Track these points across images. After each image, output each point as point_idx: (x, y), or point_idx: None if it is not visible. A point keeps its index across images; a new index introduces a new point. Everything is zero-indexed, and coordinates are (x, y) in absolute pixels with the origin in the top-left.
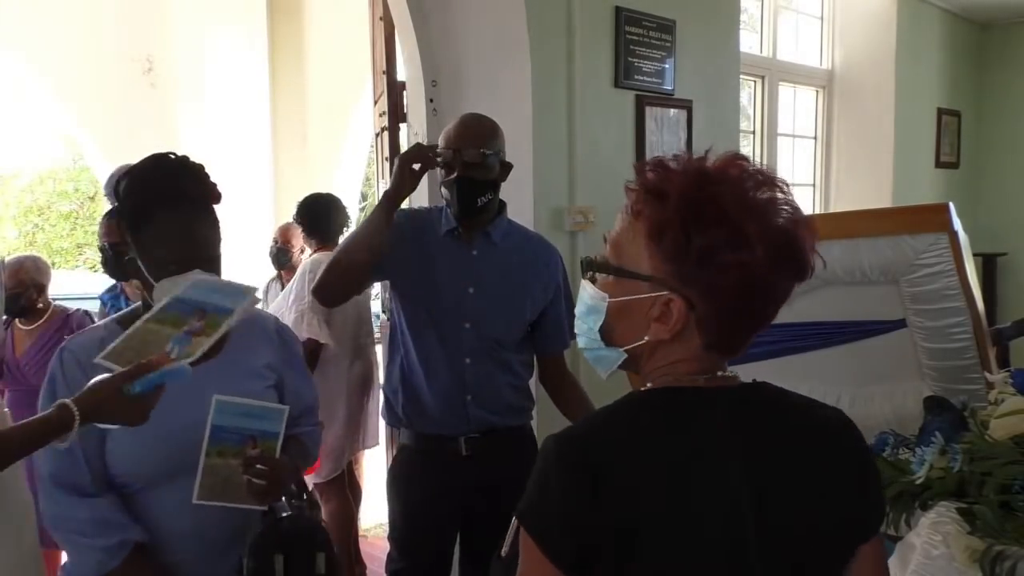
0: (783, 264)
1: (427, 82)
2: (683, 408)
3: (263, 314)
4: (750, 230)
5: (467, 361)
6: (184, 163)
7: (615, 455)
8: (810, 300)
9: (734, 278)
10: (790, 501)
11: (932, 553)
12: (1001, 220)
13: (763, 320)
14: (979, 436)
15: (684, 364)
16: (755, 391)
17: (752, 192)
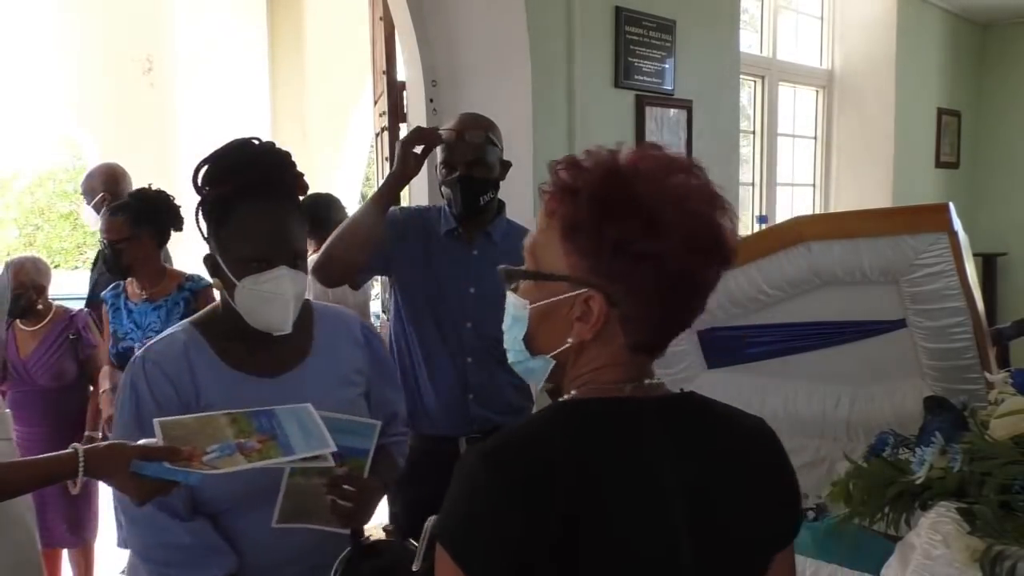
0: (701, 252)
1: (427, 82)
2: (615, 419)
3: (347, 313)
4: (663, 219)
5: (468, 360)
6: (270, 149)
7: (548, 472)
8: (810, 300)
9: (650, 269)
10: (722, 512)
11: (932, 553)
12: (1001, 220)
13: (688, 313)
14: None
15: (609, 370)
16: (683, 401)
17: (665, 181)
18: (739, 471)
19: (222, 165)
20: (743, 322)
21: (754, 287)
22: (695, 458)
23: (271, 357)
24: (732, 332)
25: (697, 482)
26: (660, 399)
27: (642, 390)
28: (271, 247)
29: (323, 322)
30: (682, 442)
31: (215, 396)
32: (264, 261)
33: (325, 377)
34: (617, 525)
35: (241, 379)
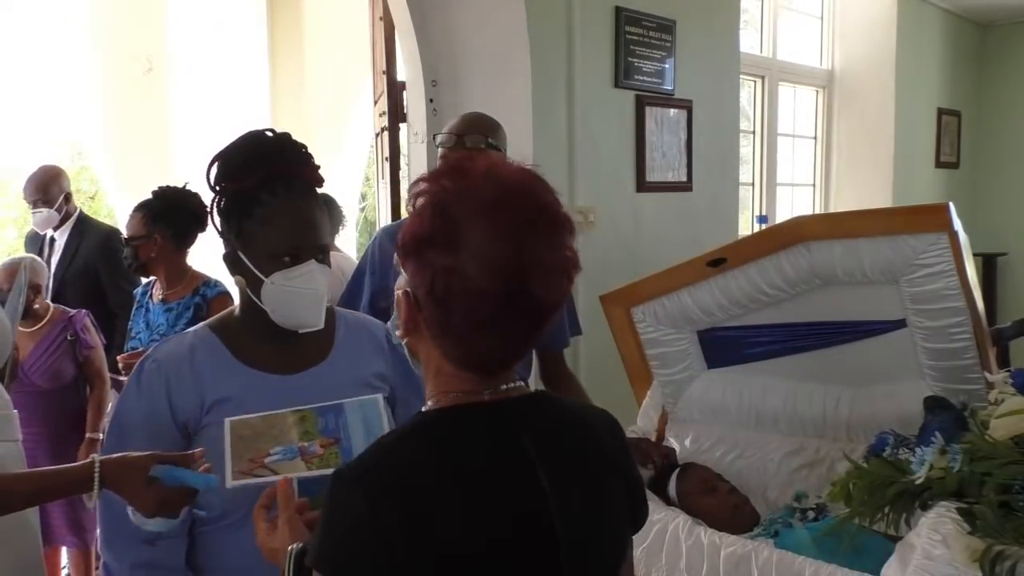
0: (499, 276)
1: (427, 82)
2: (475, 428)
3: (371, 320)
4: (463, 238)
5: None
6: (286, 140)
7: (416, 489)
8: (810, 300)
9: (441, 280)
10: (585, 512)
11: (932, 553)
12: (1001, 220)
13: (490, 338)
14: (979, 436)
15: (444, 379)
16: (537, 401)
17: (484, 197)
18: (593, 466)
19: (240, 159)
20: (743, 322)
21: (754, 287)
22: (555, 458)
23: (290, 356)
24: (732, 332)
25: (559, 483)
26: (519, 400)
27: (499, 394)
28: (301, 241)
29: (345, 325)
30: (542, 443)
31: (227, 393)
32: (294, 256)
33: (344, 378)
34: (485, 532)
35: (256, 376)
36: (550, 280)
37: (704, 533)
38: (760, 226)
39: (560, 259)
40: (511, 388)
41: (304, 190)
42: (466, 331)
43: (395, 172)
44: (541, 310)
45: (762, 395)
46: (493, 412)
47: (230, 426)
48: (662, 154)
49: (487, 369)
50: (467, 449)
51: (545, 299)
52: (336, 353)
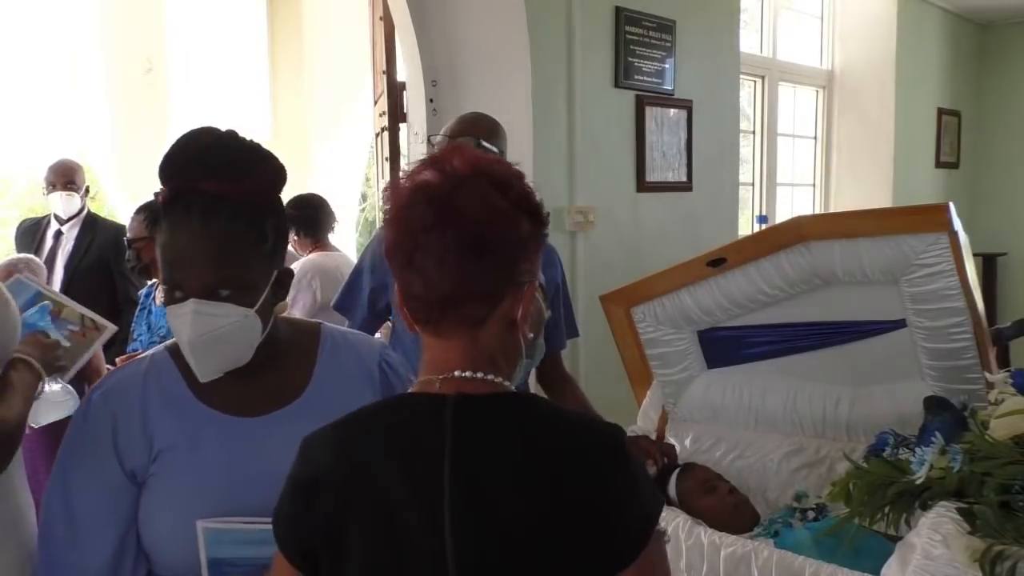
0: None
1: (427, 82)
2: (408, 412)
3: (365, 342)
4: (399, 194)
5: None
6: (220, 143)
7: (333, 457)
8: (810, 300)
9: (388, 236)
10: (504, 518)
11: (932, 553)
12: (1001, 220)
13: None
14: (979, 436)
15: (429, 365)
16: (501, 402)
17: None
18: (542, 480)
19: (163, 164)
20: (743, 322)
21: (754, 287)
22: (482, 455)
23: (255, 392)
24: (732, 332)
25: (476, 479)
26: (468, 396)
27: (452, 384)
28: (178, 275)
29: (331, 351)
30: (473, 441)
31: (176, 440)
32: (176, 289)
33: (319, 420)
34: (382, 517)
35: (214, 420)
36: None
37: (704, 533)
38: (760, 226)
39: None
40: (475, 380)
41: (204, 212)
42: (426, 330)
43: (395, 172)
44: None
45: (762, 395)
46: (432, 402)
47: (203, 532)
48: (662, 154)
49: (425, 318)
50: (386, 434)
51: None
52: (313, 389)
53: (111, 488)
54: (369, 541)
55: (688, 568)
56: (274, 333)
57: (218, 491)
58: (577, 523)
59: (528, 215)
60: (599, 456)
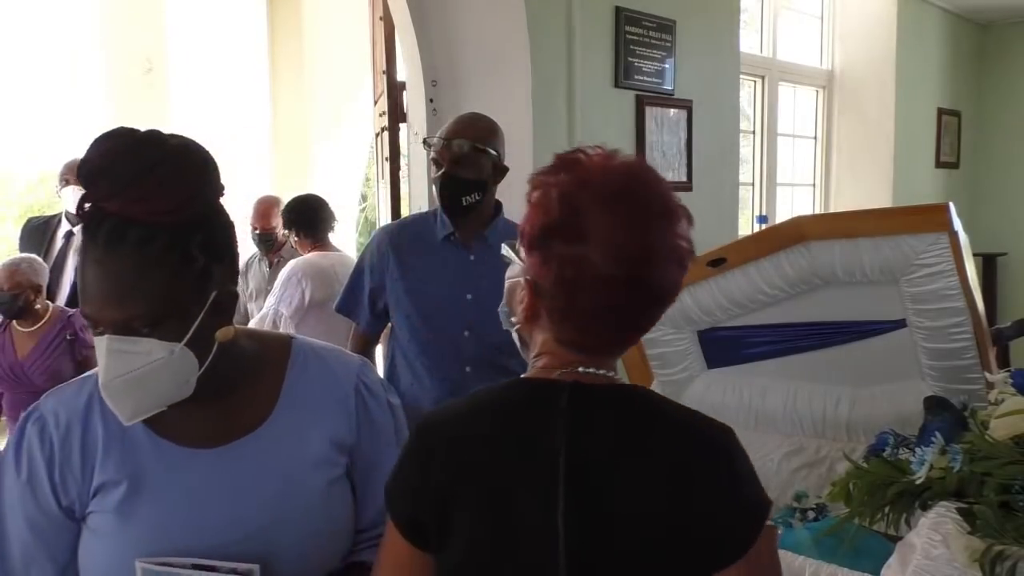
0: (625, 262)
1: (427, 82)
2: (525, 397)
3: (342, 361)
4: (590, 227)
5: (467, 370)
6: (132, 150)
7: (448, 435)
8: (810, 300)
9: (569, 268)
10: (616, 506)
11: (932, 553)
12: (1001, 220)
13: (611, 323)
14: (979, 436)
15: (548, 357)
16: (616, 393)
17: (606, 188)
18: (655, 473)
19: (77, 174)
20: (743, 322)
21: (754, 287)
22: (596, 448)
23: (215, 418)
24: (732, 332)
25: (591, 472)
26: (584, 385)
27: (571, 376)
28: (87, 306)
29: (301, 369)
30: (589, 430)
31: (118, 473)
32: (91, 322)
33: (285, 450)
34: (490, 495)
35: (163, 450)
36: (668, 268)
37: None
38: (760, 226)
39: (676, 247)
40: (591, 374)
41: (109, 238)
42: (590, 317)
43: (395, 172)
44: (659, 296)
45: (762, 395)
46: (548, 389)
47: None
48: (662, 154)
49: (598, 352)
50: (503, 413)
51: (663, 286)
52: (279, 414)
53: (45, 525)
54: (478, 517)
55: None
56: (233, 353)
57: (162, 530)
58: (687, 516)
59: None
60: (710, 452)
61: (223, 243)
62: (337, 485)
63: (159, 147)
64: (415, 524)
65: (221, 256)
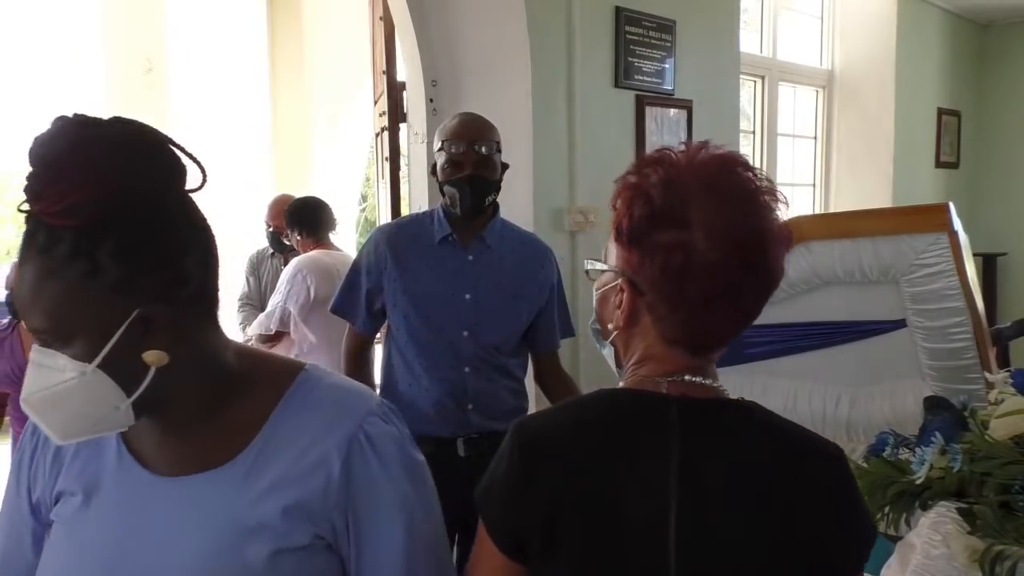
0: (729, 247)
1: (427, 82)
2: (632, 411)
3: (352, 400)
4: (692, 213)
5: (466, 370)
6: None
7: (554, 447)
8: (810, 300)
9: (666, 258)
10: (723, 526)
11: (932, 553)
12: (1001, 220)
13: (720, 310)
14: (979, 436)
15: (651, 363)
16: (723, 407)
17: (702, 175)
18: (765, 492)
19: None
20: None
21: None
22: (706, 466)
23: (188, 443)
24: None
25: (700, 491)
26: (693, 400)
27: (678, 387)
28: (25, 316)
29: (298, 406)
30: (698, 448)
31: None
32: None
33: (236, 503)
34: (600, 512)
35: (124, 468)
36: (772, 248)
37: None
38: None
39: (780, 227)
40: (697, 385)
41: (26, 240)
42: (699, 305)
43: (395, 172)
44: (766, 280)
45: (762, 395)
46: (654, 403)
47: None
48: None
49: (707, 345)
50: (610, 427)
51: (769, 267)
52: (251, 452)
53: (17, 521)
54: (585, 534)
55: None
56: (213, 374)
57: (91, 558)
58: (799, 538)
59: None
60: (824, 474)
61: (157, 250)
62: (289, 561)
63: (74, 135)
64: (515, 537)
65: (153, 266)
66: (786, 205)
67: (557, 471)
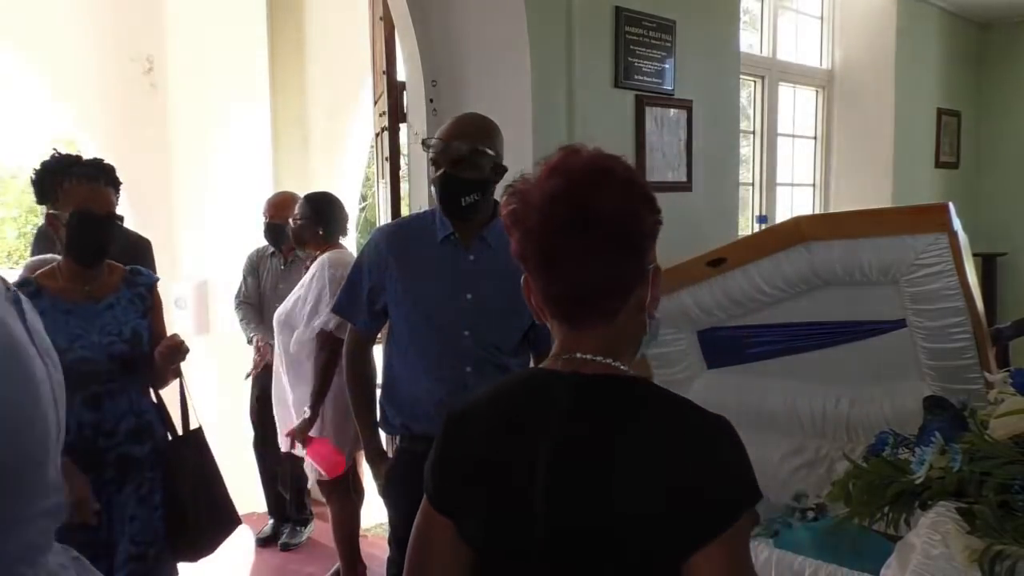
0: (558, 219)
1: (427, 82)
2: (530, 387)
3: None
4: (531, 200)
5: (468, 370)
6: None
7: (470, 421)
8: (810, 300)
9: (524, 243)
10: (602, 485)
11: (932, 553)
12: (1001, 220)
13: (562, 281)
14: (979, 436)
15: (556, 344)
16: (615, 382)
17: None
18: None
19: None
20: (743, 322)
21: (754, 287)
22: (587, 430)
23: None
24: (732, 332)
25: (578, 451)
26: (581, 376)
27: (572, 364)
28: None
29: None
30: (579, 413)
31: None
32: None
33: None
34: (489, 480)
35: None
36: (604, 195)
37: None
38: (760, 226)
39: (615, 181)
40: (589, 361)
41: None
42: (553, 264)
43: (395, 172)
44: (606, 233)
45: (762, 395)
46: (548, 379)
47: None
48: (662, 154)
49: (572, 314)
50: (507, 401)
51: (605, 219)
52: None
53: None
54: (488, 497)
55: None
56: None
57: None
58: (674, 493)
59: (649, 207)
60: (705, 432)
61: None
62: None
63: None
64: (442, 495)
65: None
66: (635, 172)
67: (470, 441)
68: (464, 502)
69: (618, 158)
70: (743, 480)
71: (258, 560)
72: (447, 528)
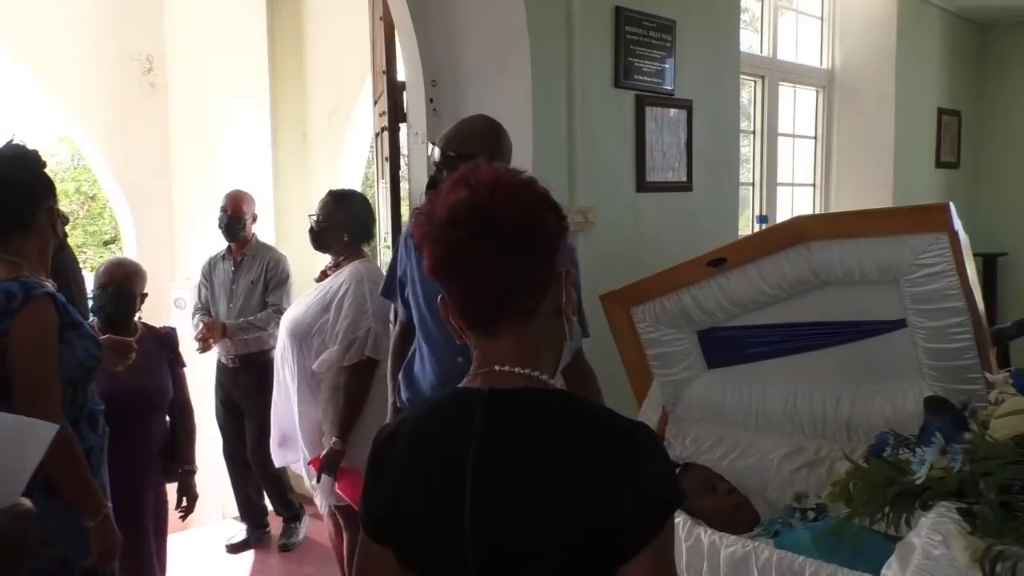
0: (464, 227)
1: (427, 82)
2: (450, 405)
3: None
4: (436, 213)
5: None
6: None
7: (396, 444)
8: (810, 300)
9: (434, 256)
10: (525, 506)
11: (932, 553)
12: (1001, 220)
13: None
14: (979, 436)
15: (475, 358)
16: (533, 396)
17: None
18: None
19: None
20: (743, 322)
21: (754, 287)
22: (503, 447)
23: None
24: (732, 332)
25: (497, 469)
26: (498, 391)
27: (489, 378)
28: None
29: None
30: (496, 431)
31: None
32: None
33: None
34: (416, 504)
35: None
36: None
37: (704, 533)
38: (760, 226)
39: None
40: (506, 374)
41: None
42: (452, 270)
43: (395, 172)
44: (502, 247)
45: (762, 395)
46: (466, 397)
47: None
48: (662, 154)
49: (480, 320)
50: (432, 422)
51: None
52: None
53: None
54: (414, 519)
55: (688, 568)
56: None
57: None
58: (596, 509)
59: (553, 210)
60: (619, 444)
61: None
62: None
63: None
64: (374, 521)
65: None
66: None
67: (395, 465)
68: (396, 531)
69: (521, 170)
70: (666, 485)
71: (257, 560)
72: (387, 556)
